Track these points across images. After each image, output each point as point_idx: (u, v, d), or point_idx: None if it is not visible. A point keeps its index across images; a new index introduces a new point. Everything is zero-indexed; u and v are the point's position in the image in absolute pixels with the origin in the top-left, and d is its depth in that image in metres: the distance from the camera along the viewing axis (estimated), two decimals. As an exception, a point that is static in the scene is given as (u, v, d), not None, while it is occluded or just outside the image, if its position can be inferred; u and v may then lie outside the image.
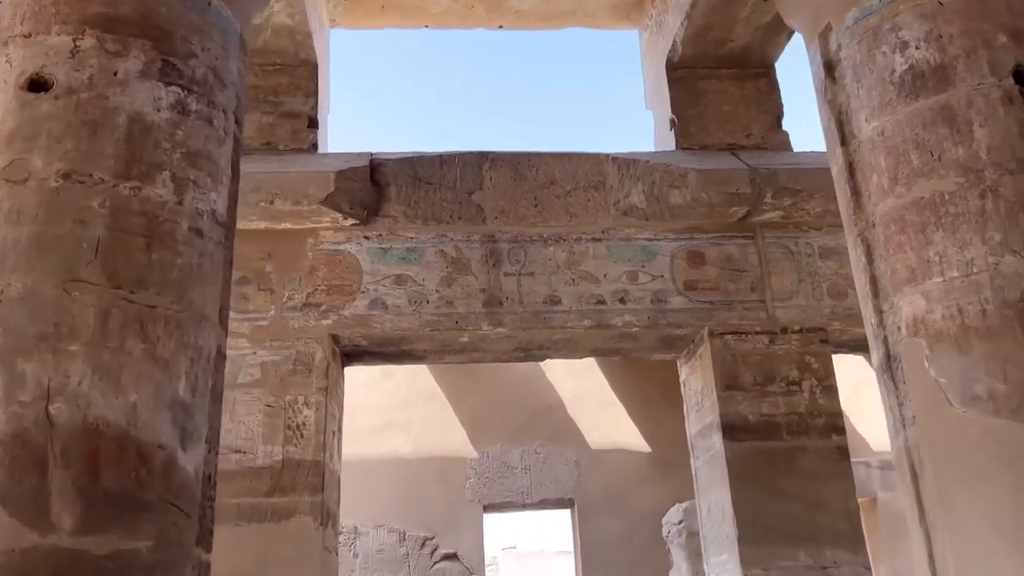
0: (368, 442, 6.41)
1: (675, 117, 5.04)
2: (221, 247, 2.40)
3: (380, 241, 4.51)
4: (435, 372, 6.76)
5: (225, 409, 4.13)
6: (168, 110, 2.32)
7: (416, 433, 6.57)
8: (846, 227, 2.84)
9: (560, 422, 6.76)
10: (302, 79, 4.88)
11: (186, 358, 2.18)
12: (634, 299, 4.52)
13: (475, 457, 6.62)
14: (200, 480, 2.21)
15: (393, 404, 6.59)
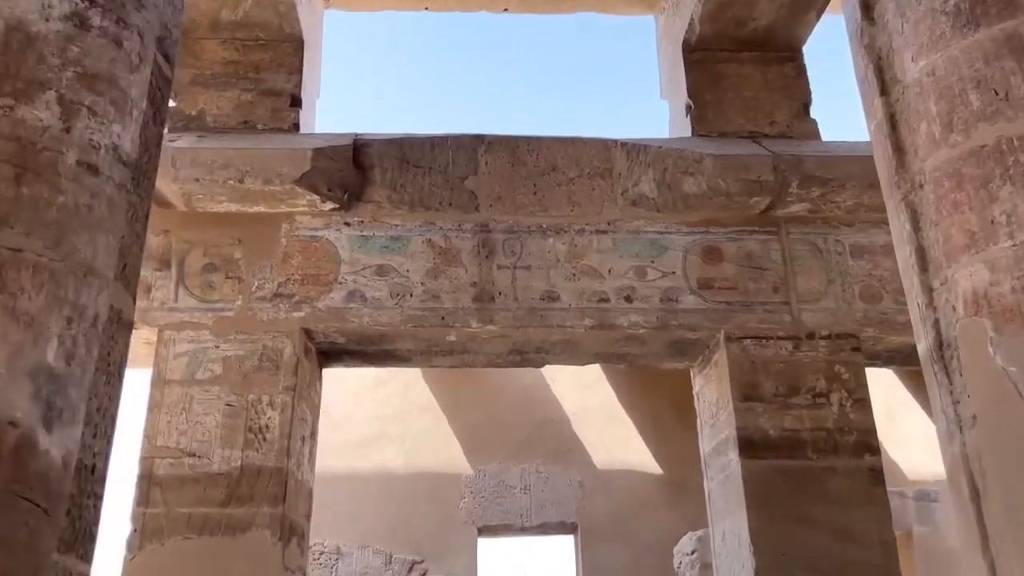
0: (357, 455, 5.96)
1: (691, 102, 4.60)
2: (125, 192, 1.98)
3: (361, 228, 4.10)
4: (431, 382, 6.31)
5: (180, 408, 3.75)
6: (60, 21, 1.92)
7: (409, 447, 6.10)
8: (885, 193, 2.37)
9: (564, 439, 6.26)
10: (286, 55, 4.51)
11: (60, 317, 1.75)
12: (642, 297, 4.06)
13: (470, 475, 6.13)
14: (73, 471, 1.77)
15: (385, 415, 6.14)
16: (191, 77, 4.41)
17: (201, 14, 4.38)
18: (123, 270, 2.01)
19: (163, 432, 3.68)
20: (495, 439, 6.12)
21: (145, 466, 3.62)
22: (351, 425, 6.01)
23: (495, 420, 6.21)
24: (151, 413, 3.71)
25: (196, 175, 3.85)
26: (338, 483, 5.71)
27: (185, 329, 3.86)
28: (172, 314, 3.88)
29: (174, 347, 3.83)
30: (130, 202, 2.03)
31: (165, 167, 3.80)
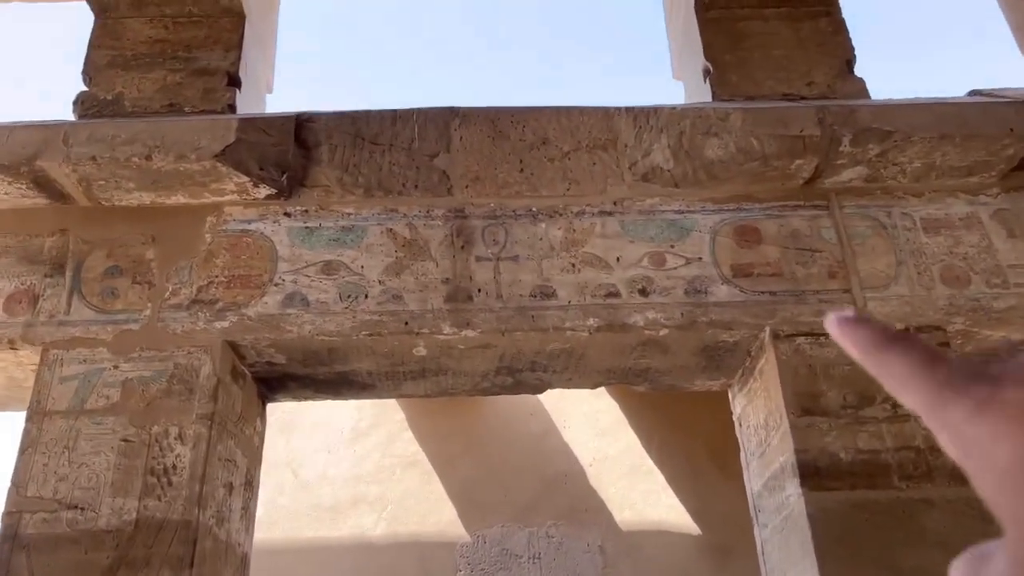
0: (329, 522, 4.98)
1: (710, 65, 3.81)
2: None
3: (305, 218, 3.28)
4: (418, 432, 5.36)
5: (62, 446, 2.83)
6: None
7: (392, 511, 5.10)
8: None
9: (580, 495, 5.21)
10: (224, 31, 3.81)
11: None
12: (661, 290, 3.17)
13: (467, 542, 5.07)
14: None
15: (363, 474, 5.17)
16: (109, 59, 3.71)
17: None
18: None
19: (37, 479, 2.79)
20: (497, 498, 5.10)
21: (9, 524, 2.72)
22: (323, 486, 5.07)
23: (496, 475, 5.21)
24: (23, 455, 2.84)
25: (93, 153, 3.08)
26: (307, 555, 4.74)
27: (77, 347, 3.02)
28: (62, 329, 3.05)
29: (60, 369, 2.98)
30: None
31: (56, 146, 3.06)
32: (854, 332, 0.42)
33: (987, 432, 0.35)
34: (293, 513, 4.92)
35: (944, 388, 0.37)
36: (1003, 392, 0.35)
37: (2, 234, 3.23)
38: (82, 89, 3.63)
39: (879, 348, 0.40)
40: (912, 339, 0.40)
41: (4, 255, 3.19)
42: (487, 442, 5.32)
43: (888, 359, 0.40)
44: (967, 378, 0.37)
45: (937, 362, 0.38)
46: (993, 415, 0.35)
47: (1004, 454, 0.34)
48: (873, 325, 0.42)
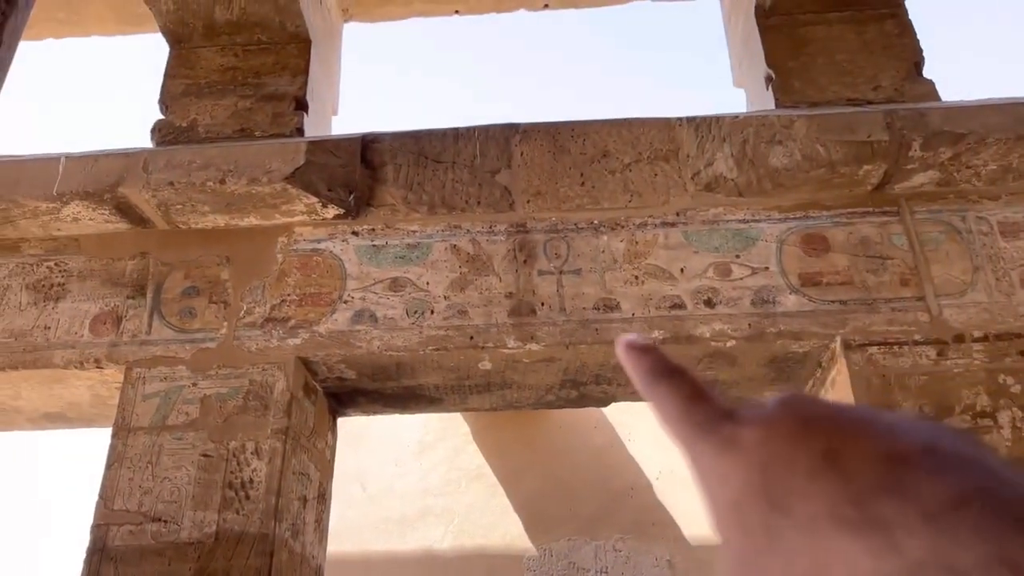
0: (397, 535, 5.04)
1: (772, 72, 3.77)
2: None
3: (372, 237, 3.36)
4: (483, 445, 5.39)
5: (146, 461, 2.97)
6: None
7: (459, 523, 5.14)
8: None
9: (647, 508, 5.16)
10: (290, 57, 3.93)
11: None
12: (727, 301, 3.14)
13: (534, 555, 5.07)
14: None
15: (430, 487, 5.23)
16: (183, 88, 3.86)
17: (195, 16, 3.87)
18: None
19: (123, 492, 2.91)
20: (563, 511, 5.10)
21: (97, 536, 2.84)
22: (391, 499, 5.14)
23: (562, 489, 5.21)
24: (109, 470, 2.96)
25: (170, 178, 3.22)
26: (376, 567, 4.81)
27: (158, 365, 3.14)
28: (144, 348, 3.18)
29: (143, 387, 3.10)
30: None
31: (136, 173, 3.20)
32: (637, 359, 0.44)
33: (725, 467, 0.37)
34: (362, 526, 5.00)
35: (699, 426, 0.39)
36: (742, 432, 0.37)
37: (87, 258, 3.39)
38: (159, 117, 3.79)
39: (654, 379, 0.42)
40: (683, 373, 0.42)
41: (89, 278, 3.35)
42: (552, 455, 5.32)
43: (658, 391, 0.42)
44: (720, 417, 0.39)
45: (700, 401, 0.40)
46: (731, 453, 0.37)
47: (731, 488, 0.36)
48: (654, 355, 0.43)
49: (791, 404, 0.37)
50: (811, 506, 0.32)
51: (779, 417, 0.36)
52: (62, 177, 3.27)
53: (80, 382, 3.31)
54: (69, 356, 3.19)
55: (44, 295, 3.32)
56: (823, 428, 0.34)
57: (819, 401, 0.37)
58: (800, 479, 0.33)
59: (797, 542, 0.32)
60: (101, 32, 4.82)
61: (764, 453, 0.35)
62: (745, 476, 0.35)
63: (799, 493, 0.32)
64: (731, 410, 0.39)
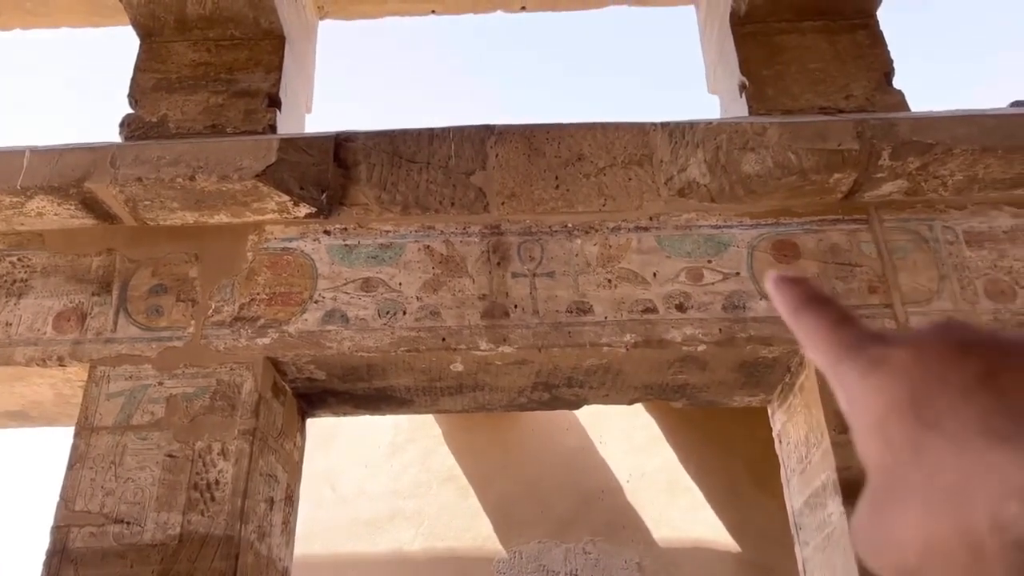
0: (367, 537, 5.00)
1: (745, 79, 3.80)
2: None
3: (344, 236, 3.33)
4: (454, 448, 5.37)
5: (109, 461, 2.90)
6: None
7: (428, 526, 5.11)
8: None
9: (617, 511, 5.17)
10: (264, 53, 3.89)
11: None
12: (698, 305, 3.16)
13: (504, 557, 5.06)
14: None
15: (400, 489, 5.20)
16: (154, 83, 3.80)
17: (166, 10, 3.82)
18: None
19: (84, 493, 2.86)
20: (533, 514, 5.09)
21: (57, 538, 2.78)
22: (361, 501, 5.10)
23: (533, 491, 5.20)
24: (71, 470, 2.90)
25: (139, 174, 3.17)
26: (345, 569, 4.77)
27: (123, 363, 3.09)
28: (109, 346, 3.13)
29: (107, 386, 3.05)
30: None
31: (103, 168, 3.15)
32: (786, 291, 0.46)
33: (871, 386, 0.37)
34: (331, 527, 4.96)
35: (845, 348, 0.40)
36: (892, 352, 0.38)
37: (51, 254, 3.33)
38: (128, 112, 3.73)
39: (800, 307, 0.44)
40: (828, 301, 0.43)
41: (53, 274, 3.28)
42: (523, 458, 5.31)
43: (804, 318, 0.43)
44: (867, 340, 0.40)
45: (846, 324, 0.41)
46: (878, 372, 0.37)
47: (878, 406, 0.36)
48: (803, 285, 0.45)
49: (947, 328, 0.37)
50: (962, 421, 0.32)
51: (933, 339, 0.37)
52: (26, 171, 3.21)
53: (42, 380, 3.24)
54: (31, 353, 3.13)
55: (6, 291, 3.25)
56: (980, 351, 0.35)
57: (976, 327, 0.37)
58: (952, 396, 0.33)
59: (944, 454, 0.32)
60: (70, 24, 4.74)
61: (915, 372, 0.35)
62: (892, 393, 0.35)
63: (950, 409, 0.32)
64: (880, 333, 0.40)
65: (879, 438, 0.35)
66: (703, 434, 5.20)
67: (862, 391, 0.37)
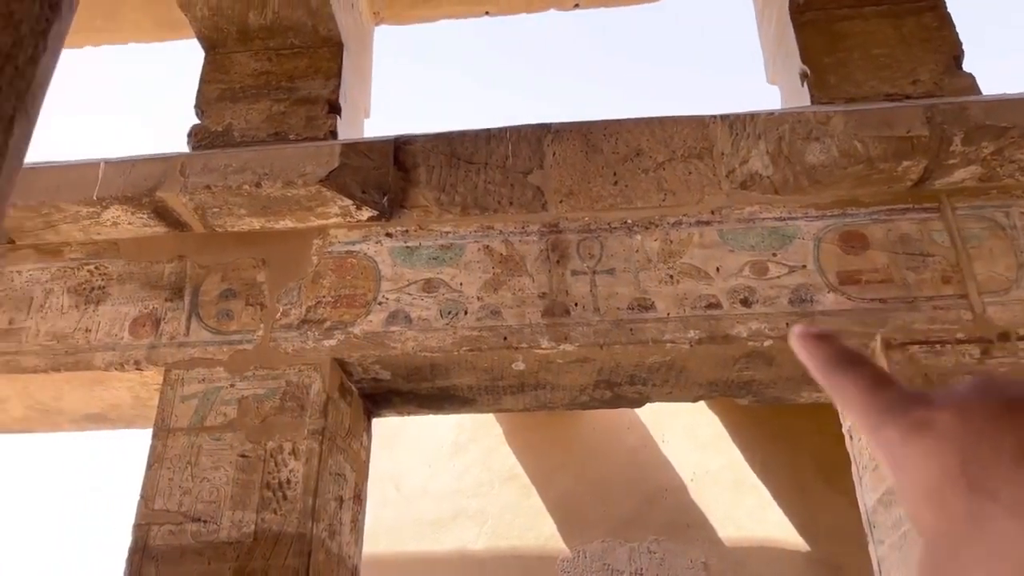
0: (431, 536, 5.05)
1: (807, 68, 3.72)
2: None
3: (406, 238, 3.37)
4: (516, 447, 5.39)
5: (185, 461, 3.01)
6: None
7: (492, 525, 5.14)
8: None
9: (681, 510, 5.12)
10: (323, 60, 3.96)
11: None
12: (764, 300, 3.10)
13: (568, 557, 5.06)
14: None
15: (463, 488, 5.23)
16: (218, 93, 3.91)
17: (229, 21, 3.92)
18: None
19: (163, 492, 2.95)
20: (596, 513, 5.08)
21: (139, 535, 2.88)
22: (424, 500, 5.16)
23: (595, 490, 5.19)
24: (150, 470, 3.00)
25: (207, 182, 3.26)
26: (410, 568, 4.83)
27: (196, 367, 3.18)
28: (182, 350, 3.23)
29: (182, 388, 3.14)
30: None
31: (174, 177, 3.24)
32: (815, 349, 0.43)
33: (919, 452, 0.36)
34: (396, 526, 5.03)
35: (886, 411, 0.39)
36: (936, 415, 0.37)
37: (126, 261, 3.45)
38: (195, 122, 3.84)
39: (834, 368, 0.42)
40: (864, 361, 0.42)
41: (129, 281, 3.40)
42: (585, 456, 5.29)
43: (840, 379, 0.41)
44: (907, 402, 0.39)
45: (884, 385, 0.40)
46: (925, 436, 0.36)
47: (931, 472, 0.35)
48: (833, 343, 0.43)
49: (989, 387, 0.36)
50: (1019, 490, 0.31)
51: (976, 400, 0.36)
52: (101, 182, 3.33)
53: (120, 383, 3.36)
54: (109, 358, 3.25)
55: (85, 298, 3.38)
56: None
57: (1017, 383, 0.37)
58: (1006, 463, 0.32)
59: (1007, 527, 0.31)
60: (138, 39, 4.90)
61: (963, 436, 0.34)
62: (942, 460, 0.34)
63: (1005, 477, 0.32)
64: (920, 394, 0.39)
65: (934, 506, 0.34)
66: (769, 431, 5.10)
67: (909, 456, 0.37)
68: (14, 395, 3.47)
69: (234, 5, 3.85)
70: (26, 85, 1.51)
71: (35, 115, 1.58)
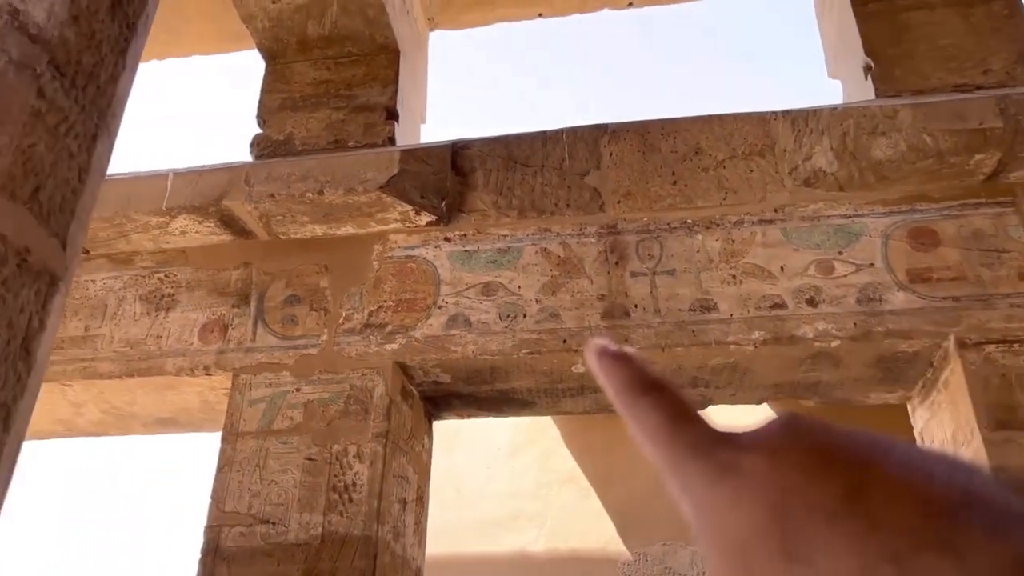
0: (491, 537, 5.07)
1: (871, 61, 3.63)
2: (33, 77, 1.36)
3: (464, 242, 3.39)
4: (574, 449, 5.37)
5: (254, 464, 3.09)
6: None
7: (551, 527, 5.13)
8: None
9: (744, 513, 5.03)
10: (380, 68, 4.01)
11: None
12: (830, 299, 3.03)
13: (629, 560, 5.02)
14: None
15: (522, 490, 5.24)
16: (279, 102, 3.99)
17: (289, 32, 3.99)
18: (35, 193, 1.37)
19: (233, 495, 3.02)
20: (657, 515, 5.02)
21: (211, 537, 2.96)
22: (483, 501, 5.18)
23: (655, 492, 5.13)
24: (220, 473, 3.08)
25: (271, 190, 3.33)
26: (471, 569, 4.85)
27: (263, 371, 3.25)
28: (249, 355, 3.30)
29: (250, 392, 3.22)
30: (49, 97, 1.41)
31: (239, 186, 3.32)
32: (613, 369, 0.39)
33: (724, 498, 0.32)
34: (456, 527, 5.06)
35: (689, 447, 0.35)
36: (745, 459, 0.32)
37: (194, 269, 3.54)
38: (257, 131, 3.92)
39: (634, 393, 0.38)
40: (666, 389, 0.38)
41: (197, 288, 3.49)
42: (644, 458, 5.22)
43: (639, 407, 0.37)
44: (713, 440, 0.34)
45: (688, 419, 0.36)
46: (732, 482, 0.32)
47: (738, 524, 0.31)
48: (633, 365, 0.39)
49: (796, 429, 0.33)
50: (838, 560, 0.28)
51: (786, 444, 0.32)
52: (170, 192, 3.42)
53: (190, 388, 3.45)
54: (180, 363, 3.34)
55: (156, 305, 3.48)
56: (840, 459, 0.30)
57: (828, 426, 0.32)
58: (820, 523, 0.29)
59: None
60: (201, 51, 5.03)
61: (773, 487, 0.31)
62: (751, 511, 0.31)
63: (821, 541, 0.28)
64: (727, 434, 0.35)
65: (739, 567, 0.31)
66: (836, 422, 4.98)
67: (712, 503, 0.33)
68: (90, 400, 3.60)
69: (294, 16, 3.92)
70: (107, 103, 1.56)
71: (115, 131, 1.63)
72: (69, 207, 1.46)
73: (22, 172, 1.34)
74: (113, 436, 4.04)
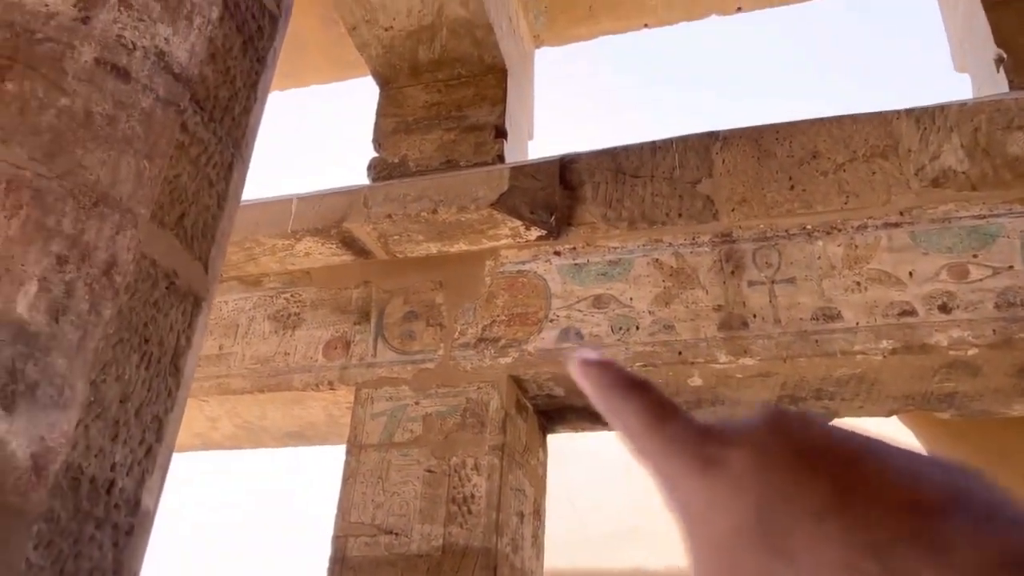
0: (607, 552, 5.02)
1: (1003, 52, 3.41)
2: (177, 112, 1.48)
3: (574, 256, 3.40)
4: (692, 462, 5.24)
5: (376, 476, 3.19)
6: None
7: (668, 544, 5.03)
8: None
9: (875, 533, 4.78)
10: (488, 88, 4.10)
11: (46, 254, 1.22)
12: (965, 305, 2.86)
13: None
14: (62, 480, 1.18)
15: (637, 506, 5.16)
16: (393, 126, 4.13)
17: (400, 58, 4.14)
18: (180, 219, 1.48)
19: (358, 506, 3.13)
20: (780, 533, 4.84)
21: (338, 546, 3.07)
22: (598, 516, 5.13)
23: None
24: (346, 484, 3.20)
25: (389, 211, 3.45)
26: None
27: (384, 385, 3.36)
28: (370, 370, 3.42)
29: (371, 406, 3.33)
30: (191, 131, 1.52)
31: (358, 208, 3.46)
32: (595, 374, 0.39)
33: (708, 494, 0.32)
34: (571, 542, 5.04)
35: (671, 443, 0.34)
36: (730, 454, 0.32)
37: (318, 289, 3.71)
38: (373, 155, 4.08)
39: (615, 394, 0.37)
40: (648, 388, 0.37)
41: (320, 307, 3.65)
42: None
43: (623, 407, 0.37)
44: (697, 435, 0.34)
45: (670, 415, 0.35)
46: (716, 477, 0.32)
47: (722, 520, 0.31)
48: (615, 369, 0.38)
49: (783, 425, 0.32)
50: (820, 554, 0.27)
51: (772, 440, 0.32)
52: (294, 216, 3.60)
53: (316, 403, 3.61)
54: (306, 379, 3.49)
55: (283, 324, 3.66)
56: (827, 458, 0.30)
57: (812, 420, 0.32)
58: (804, 519, 0.28)
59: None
60: (317, 81, 5.28)
61: (758, 483, 0.30)
62: (736, 507, 0.31)
63: (804, 536, 0.28)
64: (710, 427, 0.34)
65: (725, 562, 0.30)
66: (973, 447, 4.66)
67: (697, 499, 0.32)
68: (224, 415, 3.82)
69: (405, 42, 4.07)
70: (241, 133, 1.66)
71: (248, 159, 1.74)
72: (210, 232, 1.57)
73: (169, 201, 1.45)
74: (245, 449, 4.26)
